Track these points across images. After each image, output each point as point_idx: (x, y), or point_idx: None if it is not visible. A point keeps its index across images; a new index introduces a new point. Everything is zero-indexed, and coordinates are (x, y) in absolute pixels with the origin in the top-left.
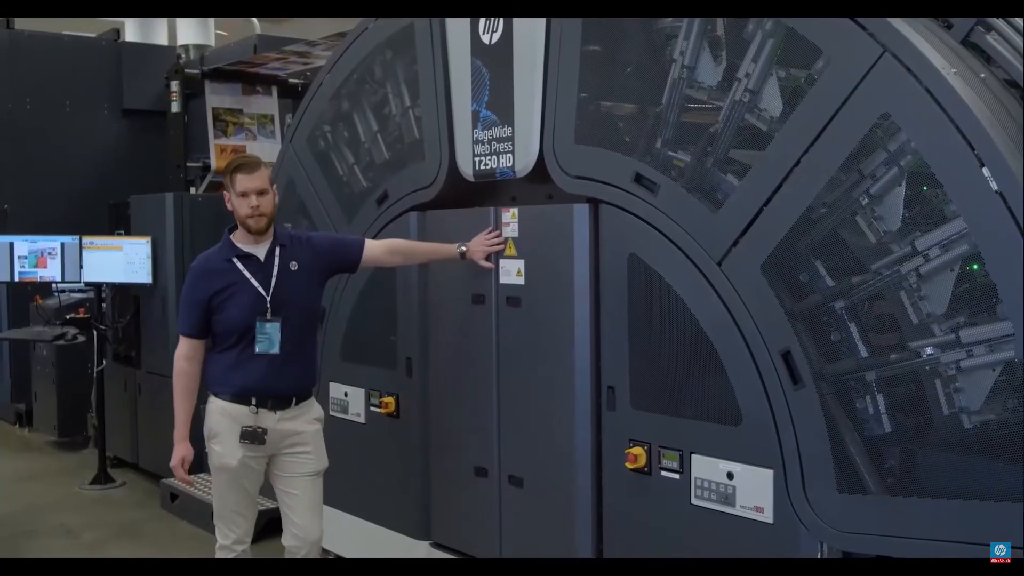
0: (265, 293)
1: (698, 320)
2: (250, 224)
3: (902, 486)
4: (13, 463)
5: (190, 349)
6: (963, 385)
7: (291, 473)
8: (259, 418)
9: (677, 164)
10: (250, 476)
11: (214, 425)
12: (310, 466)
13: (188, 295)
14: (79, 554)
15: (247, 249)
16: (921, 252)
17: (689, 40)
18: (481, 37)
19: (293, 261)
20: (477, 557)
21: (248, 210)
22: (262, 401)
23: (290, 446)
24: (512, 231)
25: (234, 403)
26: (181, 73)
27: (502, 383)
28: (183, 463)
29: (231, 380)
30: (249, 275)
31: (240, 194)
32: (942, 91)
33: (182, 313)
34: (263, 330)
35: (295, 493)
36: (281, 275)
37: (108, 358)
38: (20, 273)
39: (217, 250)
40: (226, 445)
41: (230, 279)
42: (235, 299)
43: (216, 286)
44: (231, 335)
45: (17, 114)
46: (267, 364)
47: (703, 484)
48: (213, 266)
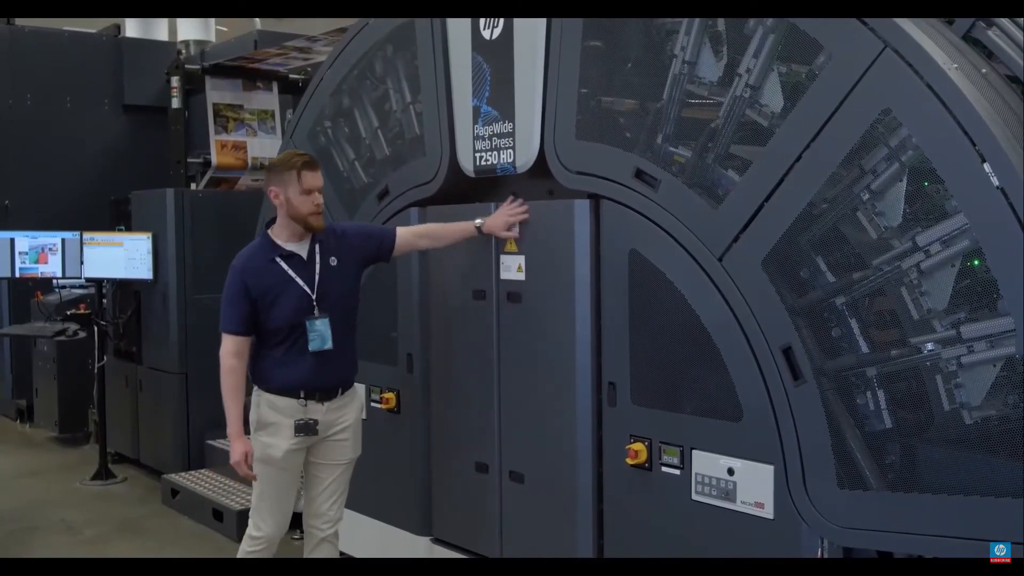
0: (311, 291)
1: (699, 316)
2: (312, 222)
3: (903, 482)
4: (14, 459)
5: (237, 346)
6: (964, 381)
7: (327, 460)
8: (308, 410)
9: (678, 160)
10: (292, 467)
11: (263, 416)
12: (347, 454)
13: (233, 293)
14: (80, 550)
15: (290, 248)
16: (922, 248)
17: (690, 36)
18: (482, 32)
19: (332, 256)
20: (478, 553)
21: (313, 207)
22: (310, 394)
23: (334, 434)
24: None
25: (282, 396)
26: (182, 69)
27: (503, 379)
28: (246, 458)
29: (279, 376)
30: (294, 275)
31: (306, 191)
32: (943, 86)
33: (226, 312)
34: (313, 328)
35: (324, 478)
36: (323, 272)
37: (109, 354)
38: (21, 269)
39: (258, 248)
40: (275, 436)
41: (275, 279)
42: (282, 299)
43: (261, 286)
44: (279, 333)
45: (18, 110)
46: (314, 359)
47: (704, 480)
48: (257, 265)
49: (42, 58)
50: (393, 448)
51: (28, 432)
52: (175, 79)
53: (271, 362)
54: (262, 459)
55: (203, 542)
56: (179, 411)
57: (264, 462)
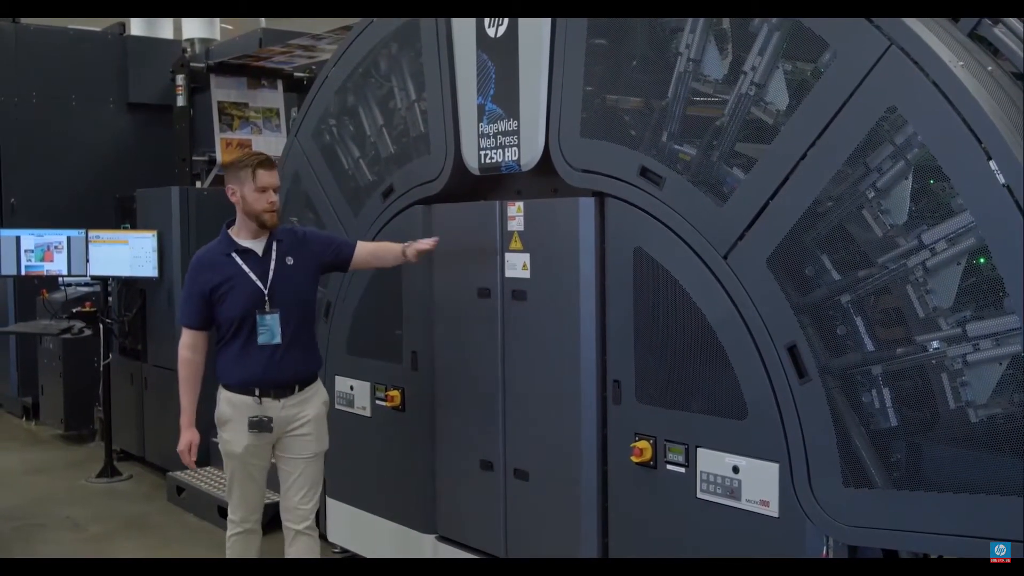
0: (263, 286)
1: (704, 314)
2: (266, 219)
3: (908, 480)
4: (20, 456)
5: (192, 339)
6: (969, 379)
7: (292, 454)
8: (263, 407)
9: (683, 157)
10: (256, 460)
11: (222, 413)
12: (310, 448)
13: (189, 288)
14: (86, 547)
15: (246, 244)
16: (928, 246)
17: (695, 33)
18: (487, 31)
19: (289, 256)
20: (482, 551)
21: (267, 205)
22: (265, 391)
23: (294, 429)
24: (518, 225)
25: (239, 393)
26: (186, 67)
27: (508, 377)
28: (190, 447)
29: (235, 371)
30: (247, 269)
31: (260, 189)
32: (949, 84)
33: (183, 305)
34: (263, 322)
35: (291, 472)
36: (278, 269)
37: (114, 352)
38: (26, 267)
39: (216, 244)
40: (233, 432)
41: (229, 273)
42: (234, 292)
43: (216, 279)
44: (231, 326)
45: (23, 108)
46: (268, 356)
47: (709, 478)
48: (213, 260)
49: (47, 56)
50: (398, 446)
51: (34, 429)
52: (180, 77)
53: (228, 358)
54: (226, 454)
55: (208, 539)
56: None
57: (228, 456)
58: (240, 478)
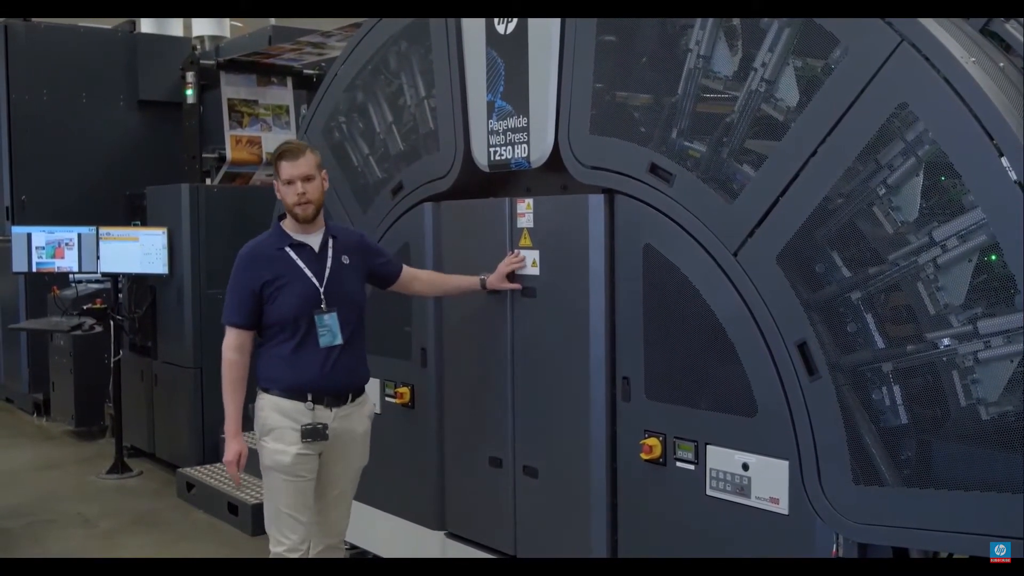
0: (319, 284)
1: (713, 311)
2: (297, 212)
3: (919, 478)
4: (31, 452)
5: (239, 340)
6: (980, 376)
7: (335, 468)
8: (315, 415)
9: (693, 154)
10: (305, 472)
11: (267, 421)
12: (354, 464)
13: (237, 283)
14: (96, 542)
15: (300, 238)
16: (938, 243)
17: (705, 30)
18: (496, 27)
19: (345, 255)
20: (492, 548)
21: (295, 198)
22: (318, 398)
23: (341, 444)
24: (527, 222)
25: (288, 399)
26: (196, 64)
27: (517, 374)
28: (239, 460)
29: (285, 376)
30: (303, 265)
31: (286, 181)
32: (960, 80)
33: (229, 302)
34: (322, 322)
35: (333, 488)
36: (335, 267)
37: (125, 348)
38: (38, 264)
39: (267, 237)
40: (281, 441)
41: (282, 268)
42: (288, 289)
43: (267, 275)
44: (283, 327)
45: (34, 105)
46: (322, 359)
47: (718, 475)
48: (264, 253)
49: (58, 54)
50: (407, 443)
51: (44, 426)
52: (190, 74)
53: (277, 360)
54: (271, 467)
55: (218, 536)
56: (194, 405)
57: (273, 469)
58: (288, 495)
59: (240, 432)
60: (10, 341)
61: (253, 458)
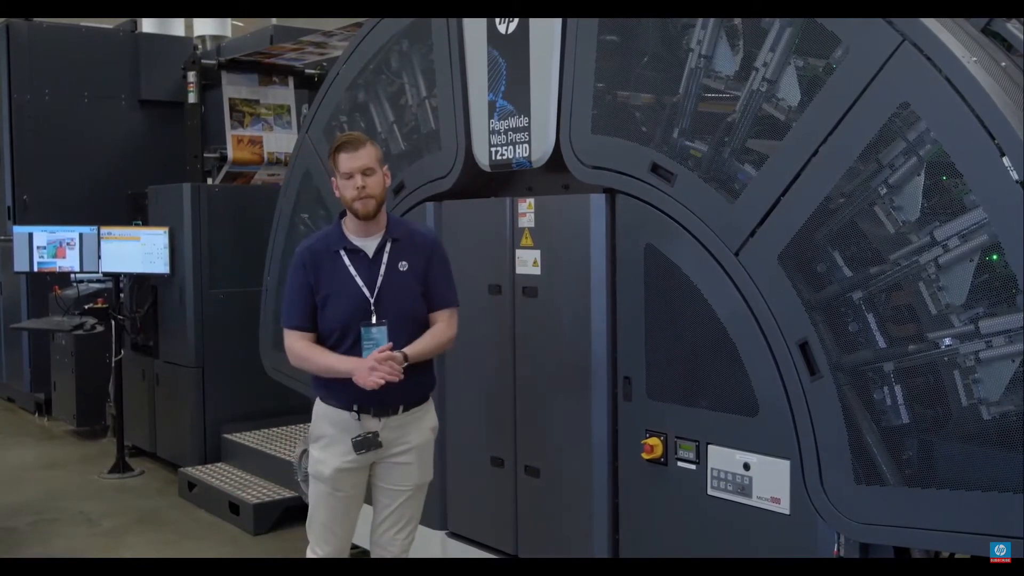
0: (369, 295)
1: (715, 310)
2: (357, 208)
3: (920, 477)
4: (33, 452)
5: (303, 340)
6: (982, 376)
7: (390, 484)
8: (362, 424)
9: (694, 154)
10: (347, 488)
11: (316, 429)
12: (411, 479)
13: (295, 283)
14: (98, 541)
15: (357, 241)
16: (940, 242)
17: (706, 29)
18: (498, 27)
19: (403, 260)
20: (493, 547)
21: (354, 192)
22: (364, 408)
23: (393, 455)
24: (529, 222)
25: (336, 408)
26: (198, 64)
27: (518, 373)
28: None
29: (333, 385)
30: (355, 272)
31: (345, 175)
32: (962, 80)
33: (288, 303)
34: (368, 335)
35: (387, 504)
36: (388, 275)
37: (126, 348)
38: (39, 263)
39: (325, 236)
40: (325, 451)
41: (334, 274)
42: (336, 297)
43: (319, 280)
44: (330, 336)
45: (36, 105)
46: None
47: (719, 475)
48: (321, 255)
49: (59, 54)
50: None
51: (46, 425)
52: (191, 74)
53: None
54: (314, 475)
55: (220, 535)
56: (196, 405)
57: (315, 478)
58: (328, 506)
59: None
60: (12, 341)
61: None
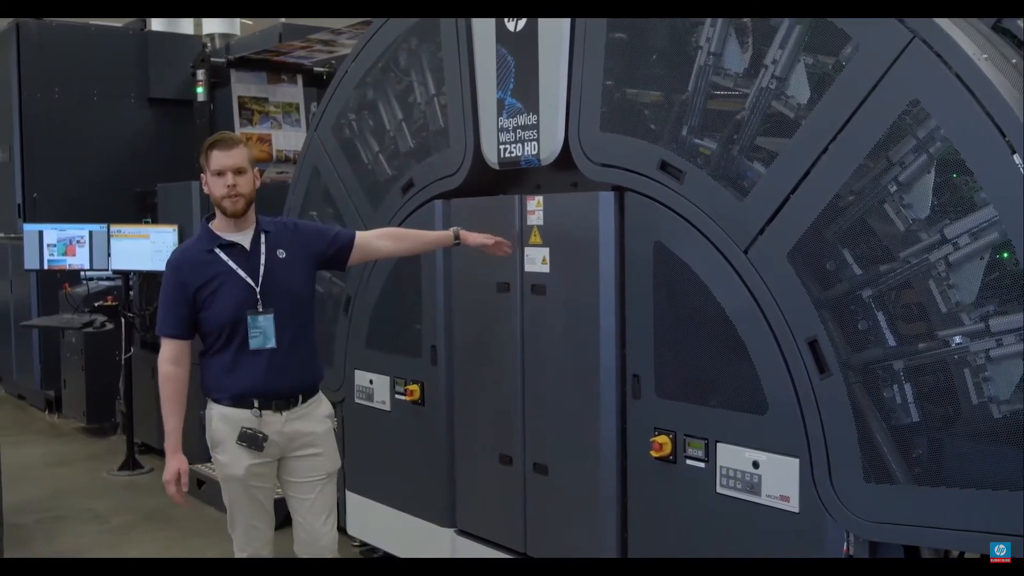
0: (254, 284)
1: (724, 308)
2: (226, 206)
3: (930, 476)
4: (43, 449)
5: (175, 351)
6: (992, 374)
7: (301, 477)
8: (263, 421)
9: (703, 152)
10: (261, 483)
11: (215, 433)
12: (323, 467)
13: (168, 292)
14: (107, 539)
15: (229, 237)
16: (950, 240)
17: (715, 27)
18: (506, 25)
19: (280, 249)
20: (501, 545)
21: (224, 190)
22: (265, 403)
23: (299, 448)
24: (537, 219)
25: (235, 407)
26: (207, 62)
27: (527, 371)
28: (179, 477)
29: (229, 383)
30: (235, 265)
31: (216, 172)
32: (972, 77)
33: (162, 313)
34: (255, 324)
35: (305, 498)
36: (269, 263)
37: (136, 345)
38: (49, 261)
39: (195, 241)
40: (230, 454)
41: (214, 271)
42: (221, 292)
43: (199, 280)
44: (220, 333)
45: (46, 104)
46: (266, 362)
47: (728, 473)
48: (193, 258)
49: (69, 52)
50: (417, 440)
51: (56, 422)
52: (200, 72)
53: (218, 369)
54: (225, 478)
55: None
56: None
57: (228, 480)
58: (244, 505)
59: (180, 449)
60: (22, 338)
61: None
